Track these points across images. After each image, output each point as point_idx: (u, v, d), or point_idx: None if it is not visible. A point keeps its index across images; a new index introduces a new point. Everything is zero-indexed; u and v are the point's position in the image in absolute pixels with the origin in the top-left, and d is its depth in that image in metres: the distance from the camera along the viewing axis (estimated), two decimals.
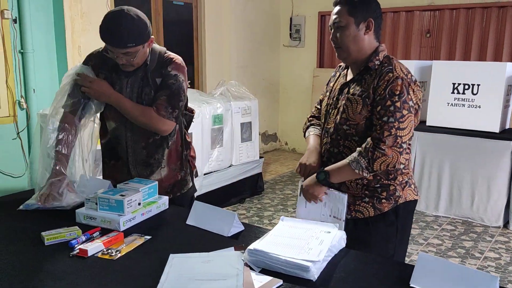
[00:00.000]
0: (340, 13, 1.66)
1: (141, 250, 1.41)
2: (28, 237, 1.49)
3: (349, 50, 1.67)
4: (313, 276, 1.21)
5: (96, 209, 1.60)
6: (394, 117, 1.56)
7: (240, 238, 1.51)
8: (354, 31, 1.64)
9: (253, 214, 4.08)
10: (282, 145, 6.82)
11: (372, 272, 1.27)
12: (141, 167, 1.93)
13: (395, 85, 1.57)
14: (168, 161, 1.96)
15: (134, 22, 1.72)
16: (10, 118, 3.62)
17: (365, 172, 1.59)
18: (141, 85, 1.86)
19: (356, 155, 1.60)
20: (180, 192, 2.01)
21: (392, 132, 1.55)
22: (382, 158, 1.56)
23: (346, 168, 1.62)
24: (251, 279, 1.20)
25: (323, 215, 1.72)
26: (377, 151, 1.56)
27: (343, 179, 1.67)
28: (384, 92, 1.58)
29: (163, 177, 1.94)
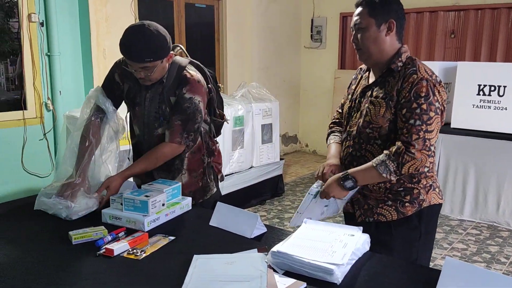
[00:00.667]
0: (361, 14, 1.64)
1: (165, 250, 1.43)
2: (56, 236, 1.52)
3: (369, 52, 1.65)
4: (337, 279, 1.21)
5: (121, 209, 1.63)
6: (421, 120, 1.53)
7: (263, 240, 1.51)
8: (375, 32, 1.63)
9: (274, 216, 4.07)
10: (303, 147, 6.79)
11: (397, 277, 1.26)
12: (163, 172, 1.94)
13: (420, 87, 1.55)
14: (189, 168, 1.97)
15: (153, 37, 1.71)
16: (37, 119, 3.71)
17: (392, 176, 1.56)
18: (159, 101, 1.87)
19: (384, 158, 1.57)
20: (202, 198, 2.00)
21: (421, 135, 1.53)
22: (411, 162, 1.53)
23: (372, 171, 1.59)
24: (275, 281, 1.21)
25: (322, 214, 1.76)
26: (407, 155, 1.53)
27: (368, 182, 1.65)
28: (409, 94, 1.55)
29: (184, 184, 1.91)
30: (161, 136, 1.88)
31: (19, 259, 1.35)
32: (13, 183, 3.57)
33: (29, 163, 3.67)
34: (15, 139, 3.59)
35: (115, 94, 1.95)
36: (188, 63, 1.92)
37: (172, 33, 4.81)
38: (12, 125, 3.56)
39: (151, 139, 1.92)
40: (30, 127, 3.65)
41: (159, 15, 4.91)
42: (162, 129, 1.89)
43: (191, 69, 1.89)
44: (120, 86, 1.94)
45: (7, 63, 3.93)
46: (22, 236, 1.54)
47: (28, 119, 3.63)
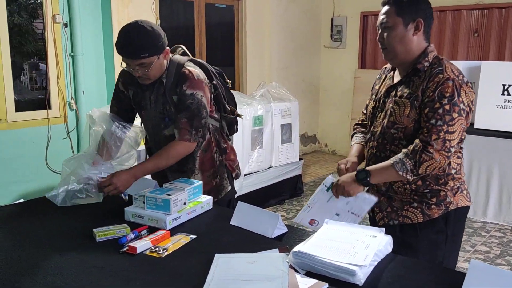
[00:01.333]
0: (388, 13, 1.62)
1: (187, 249, 1.44)
2: (80, 233, 1.55)
3: (395, 51, 1.63)
4: (359, 281, 1.20)
5: (143, 207, 1.64)
6: (443, 120, 1.51)
7: (284, 239, 1.51)
8: (402, 31, 1.60)
9: (293, 216, 4.06)
10: (322, 147, 6.76)
11: (420, 279, 1.24)
12: (176, 174, 1.95)
13: (445, 87, 1.52)
14: (201, 168, 1.98)
15: (147, 32, 1.72)
16: (61, 118, 3.78)
17: (409, 175, 1.54)
18: (162, 102, 1.88)
19: (402, 156, 1.56)
20: (217, 197, 1.99)
21: (441, 136, 1.51)
22: (429, 162, 1.52)
23: (389, 169, 1.57)
24: (296, 281, 1.20)
25: (341, 209, 1.70)
26: (425, 154, 1.51)
27: (384, 180, 1.64)
28: (433, 94, 1.53)
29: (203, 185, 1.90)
30: (169, 137, 1.89)
31: (45, 256, 1.38)
32: (37, 181, 3.65)
33: (53, 162, 3.74)
34: (39, 138, 3.66)
35: (125, 103, 1.99)
36: (188, 61, 1.91)
37: (193, 34, 4.85)
38: (36, 124, 3.64)
39: (160, 140, 1.94)
40: (54, 126, 3.73)
41: (179, 15, 4.96)
42: (168, 130, 1.90)
43: (190, 66, 1.88)
44: (126, 94, 1.98)
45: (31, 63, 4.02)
46: (48, 233, 1.57)
47: (52, 118, 3.71)
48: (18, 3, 3.73)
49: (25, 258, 1.37)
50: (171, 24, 4.70)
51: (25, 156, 3.58)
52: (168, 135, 1.91)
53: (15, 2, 3.69)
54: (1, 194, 3.39)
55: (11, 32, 3.47)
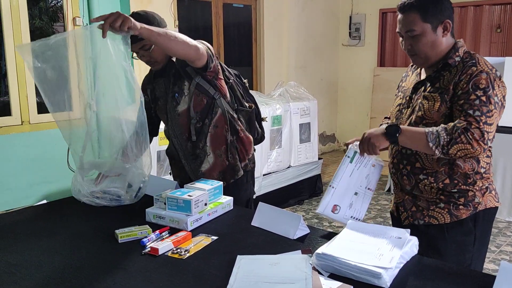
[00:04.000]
0: (413, 21, 1.55)
1: (209, 250, 1.43)
2: (103, 234, 1.56)
3: (427, 57, 1.58)
4: (385, 284, 1.17)
5: (164, 208, 1.64)
6: (480, 111, 1.45)
7: (306, 241, 1.49)
8: (432, 37, 1.55)
9: (312, 216, 4.03)
10: (341, 146, 6.70)
11: (448, 282, 1.21)
12: (191, 161, 2.00)
13: (479, 79, 1.47)
14: (212, 146, 1.98)
15: (140, 16, 1.82)
16: (81, 120, 3.82)
17: (438, 150, 1.45)
18: (173, 81, 1.95)
19: (439, 129, 1.47)
20: (233, 178, 2.01)
21: (480, 126, 1.44)
22: (465, 145, 1.43)
23: (420, 135, 1.48)
24: (320, 283, 1.18)
25: (361, 186, 1.66)
26: (464, 136, 1.43)
27: (411, 144, 1.54)
28: (467, 85, 1.47)
29: (212, 165, 1.98)
30: (181, 114, 1.94)
31: (69, 257, 1.39)
32: (59, 182, 3.70)
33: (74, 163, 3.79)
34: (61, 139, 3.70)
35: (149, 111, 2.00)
36: None
37: (210, 34, 4.86)
38: None
39: (175, 121, 1.97)
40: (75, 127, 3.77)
41: (197, 15, 4.97)
42: (180, 106, 1.95)
43: None
44: (146, 98, 2.03)
45: None
46: (71, 234, 1.58)
47: (73, 120, 3.75)
48: (39, 7, 3.79)
49: (48, 259, 1.38)
50: (189, 24, 4.71)
51: (47, 157, 3.64)
52: (180, 112, 1.95)
53: (36, 6, 3.75)
54: (25, 195, 3.45)
55: (33, 35, 3.52)
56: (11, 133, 3.41)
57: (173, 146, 2.07)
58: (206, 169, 1.99)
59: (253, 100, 2.17)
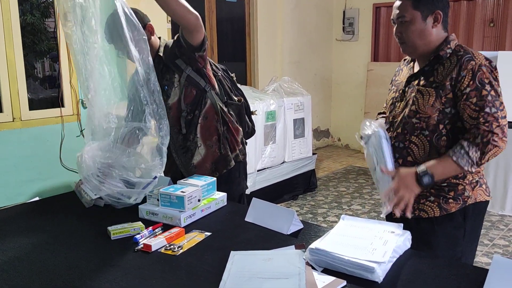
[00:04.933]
0: (404, 7, 1.57)
1: (202, 246, 1.42)
2: (95, 231, 1.55)
3: (415, 45, 1.59)
4: (378, 278, 1.17)
5: (157, 205, 1.64)
6: (495, 107, 1.47)
7: (300, 236, 1.49)
8: (421, 25, 1.55)
9: (307, 211, 4.04)
10: (335, 141, 6.71)
11: (440, 275, 1.21)
12: (181, 154, 2.00)
13: (482, 73, 1.48)
14: (203, 138, 1.98)
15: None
16: (74, 116, 3.80)
17: (473, 168, 1.49)
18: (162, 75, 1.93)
19: (466, 150, 1.48)
20: (226, 168, 2.02)
21: (500, 123, 1.47)
22: (493, 150, 1.47)
23: (452, 165, 1.49)
24: (314, 278, 1.18)
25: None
26: (491, 144, 1.46)
27: (445, 176, 1.55)
28: (474, 82, 1.48)
29: (204, 157, 1.98)
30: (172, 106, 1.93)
31: (61, 254, 1.38)
32: (52, 179, 3.67)
33: (67, 160, 3.76)
34: (53, 136, 3.68)
35: None
36: None
37: None
38: (50, 122, 3.67)
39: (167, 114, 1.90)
40: (67, 124, 3.75)
41: None
42: (171, 99, 1.94)
43: None
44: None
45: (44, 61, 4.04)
46: (63, 231, 1.57)
47: (65, 116, 3.73)
48: (30, 3, 3.75)
49: (41, 256, 1.37)
50: None
51: (39, 154, 3.61)
52: (171, 104, 1.95)
53: (27, 1, 3.71)
54: (17, 192, 3.42)
55: (24, 31, 3.48)
56: (2, 129, 3.38)
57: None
58: (198, 161, 1.99)
59: (241, 93, 2.17)
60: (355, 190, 4.63)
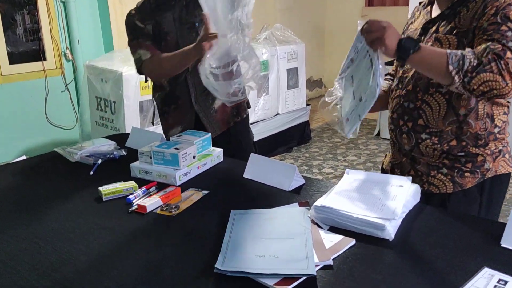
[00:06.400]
0: None
1: (200, 205, 1.35)
2: (85, 192, 1.46)
3: None
4: (389, 235, 1.11)
5: (150, 163, 1.54)
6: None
7: (302, 192, 1.41)
8: None
9: (302, 164, 3.99)
10: None
11: (454, 231, 1.15)
12: (202, 98, 1.89)
13: (508, 11, 1.22)
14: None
15: None
16: (57, 70, 3.62)
17: (458, 76, 1.16)
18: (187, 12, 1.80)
19: (464, 51, 1.19)
20: (245, 112, 2.00)
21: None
22: (494, 76, 1.14)
23: (441, 55, 1.18)
24: (321, 237, 1.12)
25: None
26: (496, 64, 1.13)
27: (427, 63, 1.22)
28: (495, 17, 1.21)
29: None
30: None
31: (50, 217, 1.30)
32: (38, 136, 3.56)
33: (53, 116, 3.64)
34: (37, 91, 3.53)
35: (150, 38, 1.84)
36: None
37: None
38: (32, 77, 3.50)
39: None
40: (51, 78, 3.59)
41: None
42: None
43: None
44: (144, 30, 1.84)
45: (23, 13, 3.80)
46: (51, 192, 1.47)
47: (48, 70, 3.56)
48: None
49: (28, 220, 1.28)
50: None
51: (24, 111, 3.47)
52: None
53: None
54: (2, 151, 3.31)
55: None
56: None
57: (184, 86, 1.89)
58: (219, 105, 1.90)
59: None
60: (350, 141, 4.57)
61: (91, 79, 3.33)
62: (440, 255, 1.04)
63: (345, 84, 1.35)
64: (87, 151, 1.76)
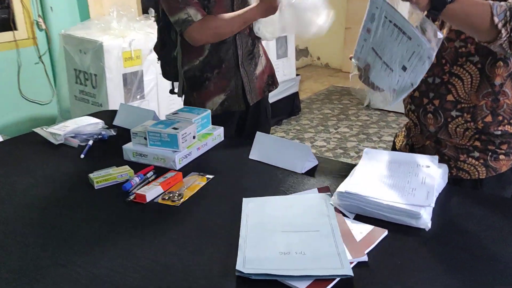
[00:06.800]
0: None
1: (205, 193, 1.20)
2: (74, 179, 1.29)
3: None
4: (425, 225, 0.99)
5: (145, 144, 1.38)
6: None
7: (317, 175, 1.28)
8: None
9: (293, 137, 3.86)
10: (314, 60, 6.42)
11: (493, 215, 1.04)
12: (247, 61, 1.77)
13: None
14: (262, 47, 1.86)
15: None
16: (29, 40, 3.35)
17: (504, 30, 1.00)
18: None
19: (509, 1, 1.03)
20: (277, 85, 1.94)
21: None
22: None
23: (483, 4, 1.01)
24: (348, 228, 0.99)
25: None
26: None
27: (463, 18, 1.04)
28: None
29: (264, 68, 1.84)
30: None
31: (36, 211, 1.13)
32: (12, 112, 3.33)
33: (27, 90, 3.39)
34: (8, 64, 3.27)
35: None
36: None
37: None
38: (3, 48, 3.23)
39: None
40: (23, 49, 3.32)
41: None
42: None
43: None
44: None
45: None
46: (35, 181, 1.30)
47: (20, 41, 3.28)
48: None
49: (12, 214, 1.12)
50: None
51: None
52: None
53: None
54: None
55: None
56: None
57: (232, 47, 1.71)
58: (260, 71, 1.81)
59: None
60: (341, 112, 4.45)
61: (68, 50, 3.08)
62: (483, 244, 0.93)
63: (368, 58, 1.19)
64: (72, 131, 1.58)
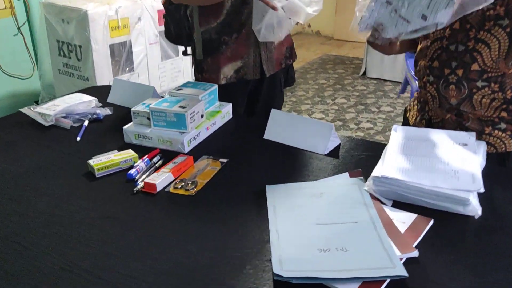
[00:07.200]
0: None
1: (221, 179, 1.08)
2: (71, 167, 1.15)
3: None
4: (475, 212, 0.89)
5: (148, 125, 1.24)
6: None
7: (342, 156, 1.17)
8: None
9: (290, 109, 3.73)
10: (305, 28, 6.22)
11: None
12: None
13: None
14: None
15: None
16: (6, 10, 3.11)
17: None
18: None
19: None
20: (294, 58, 1.83)
21: None
22: None
23: None
24: (388, 217, 0.89)
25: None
26: None
27: None
28: None
29: (284, 39, 1.68)
30: None
31: (30, 204, 1.00)
32: None
33: (7, 64, 3.18)
34: None
35: None
36: None
37: None
38: None
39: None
40: (0, 20, 3.08)
41: None
42: None
43: None
44: None
45: None
46: (28, 169, 1.16)
47: None
48: None
49: (6, 208, 0.98)
50: None
51: None
52: None
53: None
54: None
55: None
56: None
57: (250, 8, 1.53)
58: (278, 42, 1.67)
59: None
60: (336, 82, 4.32)
61: (50, 20, 2.86)
62: None
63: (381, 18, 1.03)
64: (63, 111, 1.43)
